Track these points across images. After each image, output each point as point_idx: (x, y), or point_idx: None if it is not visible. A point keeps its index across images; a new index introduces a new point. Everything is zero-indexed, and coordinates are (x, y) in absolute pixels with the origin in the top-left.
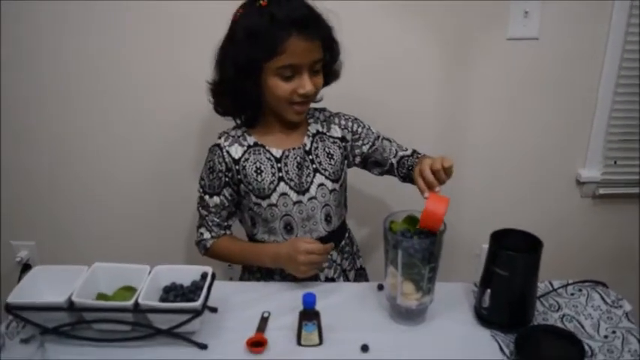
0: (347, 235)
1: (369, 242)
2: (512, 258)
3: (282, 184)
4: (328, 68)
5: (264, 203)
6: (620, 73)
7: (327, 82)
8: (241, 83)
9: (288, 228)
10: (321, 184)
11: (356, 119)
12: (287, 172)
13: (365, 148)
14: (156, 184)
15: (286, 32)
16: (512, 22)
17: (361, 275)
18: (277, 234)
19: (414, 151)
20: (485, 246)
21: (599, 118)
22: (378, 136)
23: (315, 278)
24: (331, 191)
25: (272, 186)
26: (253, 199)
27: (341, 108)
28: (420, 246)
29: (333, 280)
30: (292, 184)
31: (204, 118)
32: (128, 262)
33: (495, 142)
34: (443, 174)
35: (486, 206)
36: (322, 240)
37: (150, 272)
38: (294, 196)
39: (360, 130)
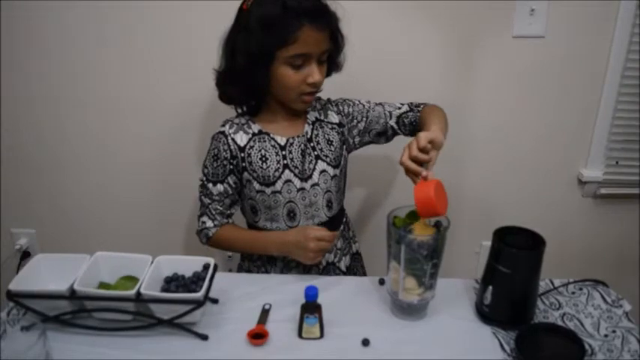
0: (344, 219)
1: (360, 227)
2: (515, 255)
3: (286, 171)
4: (332, 59)
5: (268, 190)
6: (625, 73)
7: (328, 73)
8: (252, 72)
9: (291, 215)
10: (323, 171)
11: (344, 100)
12: (292, 159)
13: (361, 125)
14: (156, 174)
15: (299, 21)
16: (518, 19)
17: (356, 260)
18: (280, 221)
19: (411, 105)
20: (486, 243)
21: (602, 118)
22: (370, 107)
23: (317, 263)
24: (332, 177)
25: (277, 173)
26: (257, 186)
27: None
28: (423, 241)
29: (334, 264)
30: (297, 171)
31: (205, 110)
32: (126, 252)
33: (498, 139)
34: (422, 155)
35: (487, 204)
36: (323, 225)
37: (152, 262)
38: (297, 183)
39: (351, 110)
